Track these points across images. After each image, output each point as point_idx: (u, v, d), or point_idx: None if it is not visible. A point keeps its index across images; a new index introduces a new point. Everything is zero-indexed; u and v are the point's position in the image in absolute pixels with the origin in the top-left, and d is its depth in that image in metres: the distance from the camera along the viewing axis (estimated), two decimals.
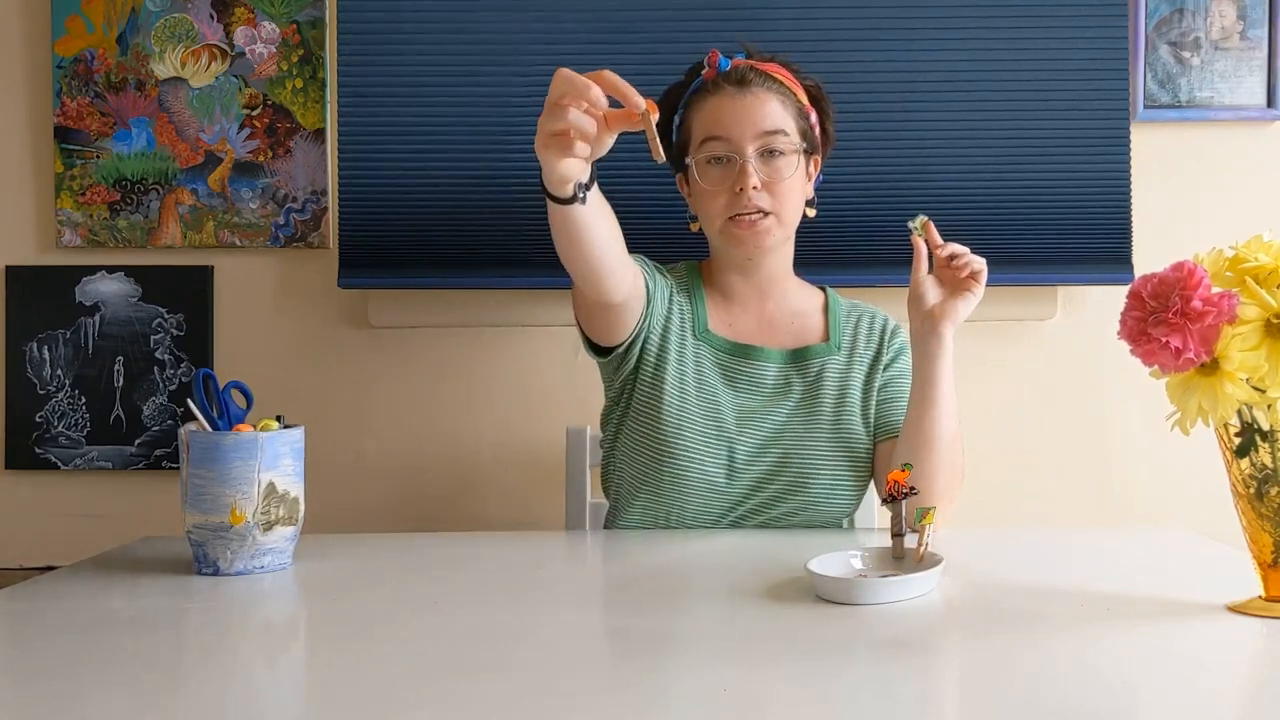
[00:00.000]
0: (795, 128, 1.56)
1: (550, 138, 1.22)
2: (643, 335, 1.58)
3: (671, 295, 1.63)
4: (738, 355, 1.61)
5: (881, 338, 1.65)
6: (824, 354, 1.62)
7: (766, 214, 1.54)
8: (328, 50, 2.02)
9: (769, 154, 1.54)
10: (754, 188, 1.53)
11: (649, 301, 1.58)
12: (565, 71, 1.20)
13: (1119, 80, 1.99)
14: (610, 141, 1.25)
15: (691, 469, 1.54)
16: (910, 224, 1.51)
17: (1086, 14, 1.97)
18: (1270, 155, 2.06)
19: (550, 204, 1.34)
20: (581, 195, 1.31)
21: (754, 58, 1.61)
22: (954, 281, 1.50)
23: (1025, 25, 1.97)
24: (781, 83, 1.58)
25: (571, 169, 1.25)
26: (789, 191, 1.56)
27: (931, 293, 1.51)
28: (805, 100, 1.60)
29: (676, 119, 1.62)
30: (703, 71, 1.59)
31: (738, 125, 1.54)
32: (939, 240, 1.50)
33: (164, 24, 2.02)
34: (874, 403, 1.61)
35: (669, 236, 1.82)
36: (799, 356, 1.62)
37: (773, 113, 1.55)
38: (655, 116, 1.23)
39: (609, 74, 1.21)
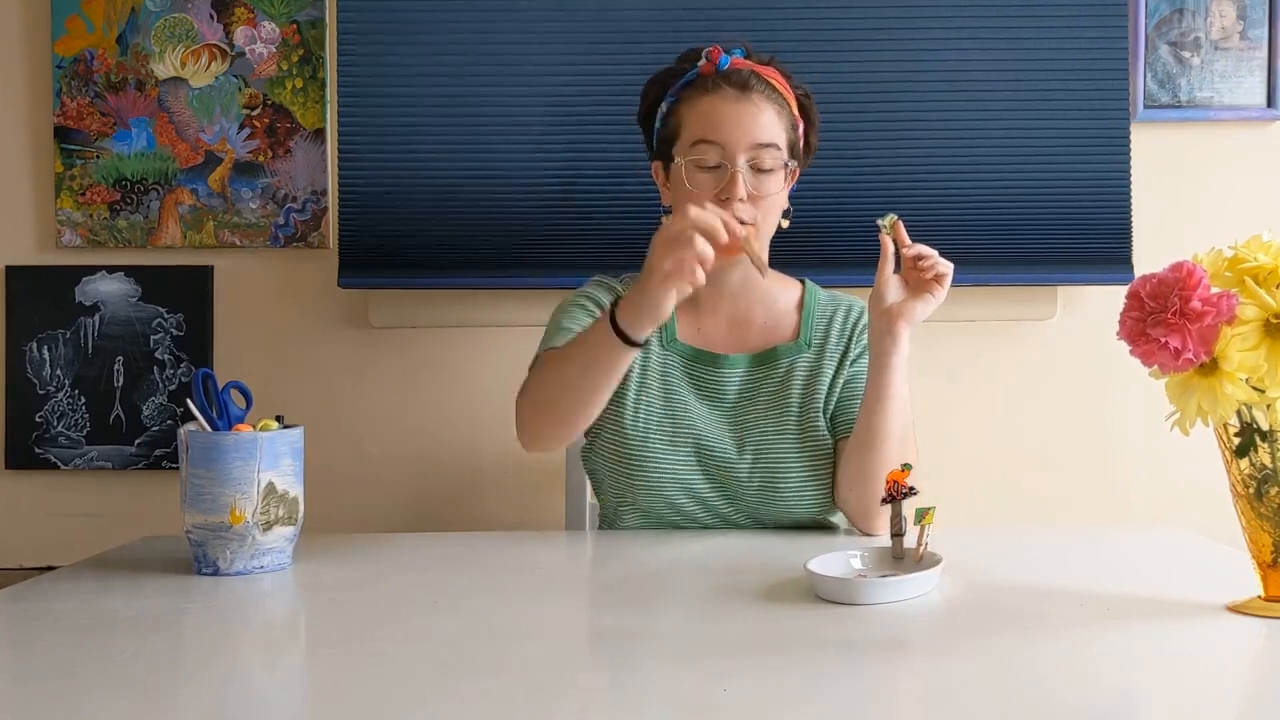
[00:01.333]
0: (785, 140, 1.54)
1: (669, 274, 1.30)
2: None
3: None
4: (705, 363, 1.59)
5: (851, 332, 1.62)
6: (792, 353, 1.60)
7: (745, 225, 1.51)
8: (328, 50, 2.02)
9: (759, 167, 1.52)
10: (740, 199, 1.50)
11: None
12: (692, 208, 1.31)
13: (1119, 80, 1.99)
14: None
15: (665, 477, 1.54)
16: (879, 222, 1.49)
17: (1086, 14, 1.97)
18: (1270, 155, 2.06)
19: (607, 348, 1.38)
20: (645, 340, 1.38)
21: (752, 58, 1.58)
22: (918, 283, 1.49)
23: (1025, 25, 1.97)
24: (779, 91, 1.56)
25: (671, 305, 1.33)
26: (772, 206, 1.54)
27: (893, 292, 1.49)
28: (795, 111, 1.58)
29: (664, 106, 1.58)
30: (699, 64, 1.56)
31: (733, 133, 1.51)
32: (907, 240, 1.49)
33: (164, 24, 2.02)
34: (835, 400, 1.60)
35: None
36: (767, 358, 1.60)
37: (769, 124, 1.53)
38: (755, 237, 1.33)
39: (712, 206, 1.30)
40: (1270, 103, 2.03)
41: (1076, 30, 1.98)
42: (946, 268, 1.47)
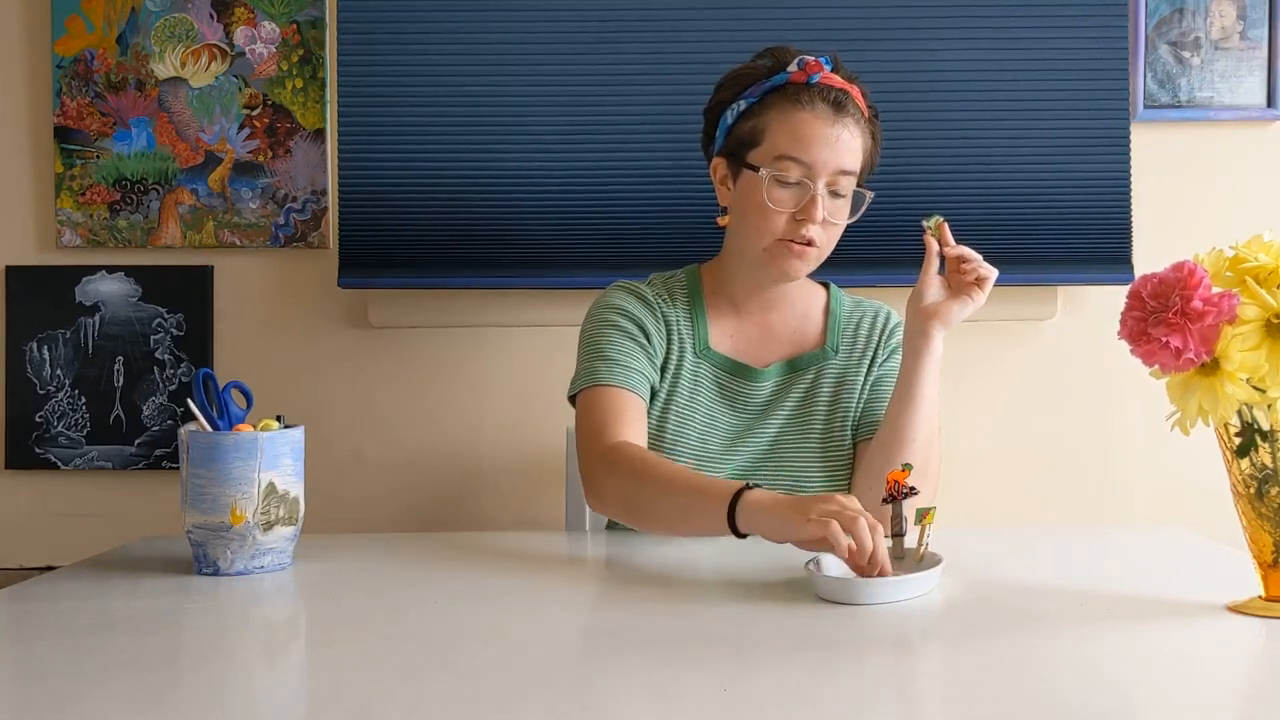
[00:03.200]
0: (860, 166, 1.52)
1: (808, 540, 1.23)
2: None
3: (668, 329, 1.59)
4: (736, 374, 1.58)
5: (880, 337, 1.62)
6: (819, 360, 1.60)
7: (813, 244, 1.50)
8: (328, 50, 2.02)
9: (836, 192, 1.49)
10: (816, 222, 1.48)
11: (651, 368, 1.56)
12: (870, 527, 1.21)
13: (1119, 80, 1.99)
14: None
15: None
16: (925, 222, 1.49)
17: (1086, 14, 1.97)
18: (1270, 155, 2.06)
19: (716, 528, 1.31)
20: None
21: (840, 72, 1.52)
22: (958, 285, 1.49)
23: (1025, 25, 1.97)
24: (865, 117, 1.52)
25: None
26: (838, 232, 1.52)
27: (932, 293, 1.49)
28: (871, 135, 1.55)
29: (742, 105, 1.52)
30: (790, 70, 1.49)
31: (822, 154, 1.47)
32: (951, 241, 1.49)
33: (164, 24, 2.02)
34: (862, 403, 1.60)
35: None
36: (795, 366, 1.60)
37: (855, 151, 1.49)
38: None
39: (876, 535, 1.21)
40: (1270, 103, 2.03)
41: (1076, 30, 1.97)
42: (989, 272, 1.47)
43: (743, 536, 1.32)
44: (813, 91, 1.48)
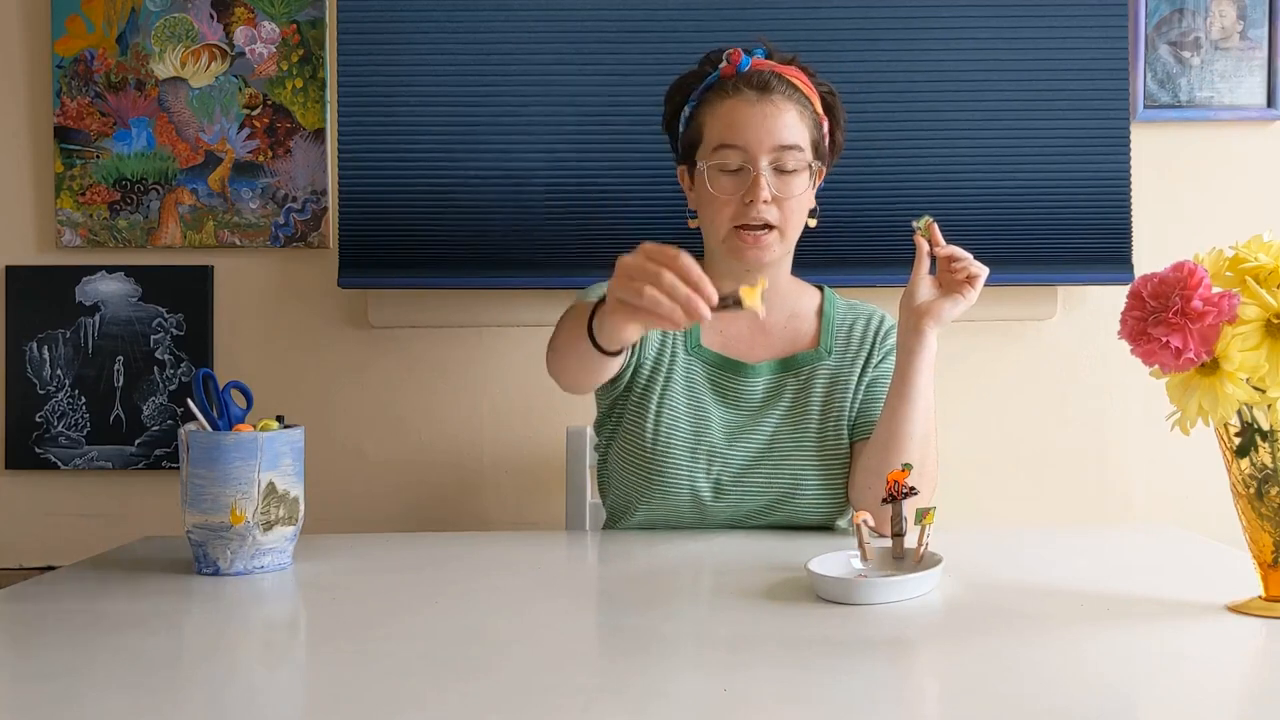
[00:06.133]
0: (809, 140, 1.53)
1: (619, 308, 1.23)
2: (631, 368, 1.57)
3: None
4: (730, 371, 1.59)
5: (874, 339, 1.63)
6: (813, 360, 1.60)
7: (771, 228, 1.51)
8: (328, 50, 2.02)
9: (782, 169, 1.51)
10: (764, 201, 1.49)
11: (639, 341, 1.55)
12: (649, 247, 1.21)
13: (1119, 80, 1.99)
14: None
15: (682, 486, 1.54)
16: (914, 223, 1.50)
17: (1086, 14, 1.97)
18: (1270, 155, 2.06)
19: (582, 346, 1.33)
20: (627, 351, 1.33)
21: (774, 58, 1.57)
22: (949, 284, 1.49)
23: (1025, 25, 1.97)
24: (801, 91, 1.54)
25: (633, 334, 1.27)
26: (797, 207, 1.53)
27: (924, 292, 1.50)
28: (820, 109, 1.57)
29: (687, 110, 1.58)
30: (720, 66, 1.55)
31: (754, 135, 1.50)
32: (941, 241, 1.49)
33: (164, 24, 2.02)
34: (857, 404, 1.60)
35: (666, 235, 1.81)
36: (789, 365, 1.60)
37: (790, 125, 1.51)
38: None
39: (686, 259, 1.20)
40: (1270, 103, 2.03)
41: (1076, 30, 1.98)
42: (979, 270, 1.48)
43: (615, 353, 1.32)
44: (739, 79, 1.53)
